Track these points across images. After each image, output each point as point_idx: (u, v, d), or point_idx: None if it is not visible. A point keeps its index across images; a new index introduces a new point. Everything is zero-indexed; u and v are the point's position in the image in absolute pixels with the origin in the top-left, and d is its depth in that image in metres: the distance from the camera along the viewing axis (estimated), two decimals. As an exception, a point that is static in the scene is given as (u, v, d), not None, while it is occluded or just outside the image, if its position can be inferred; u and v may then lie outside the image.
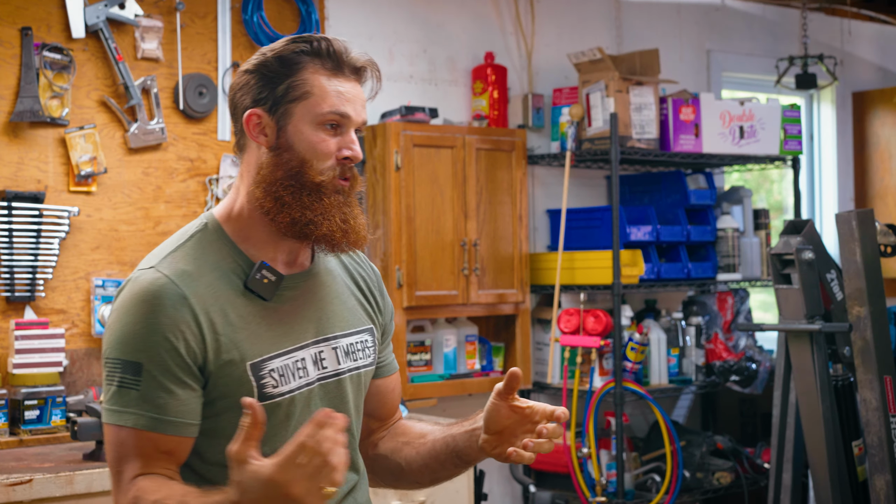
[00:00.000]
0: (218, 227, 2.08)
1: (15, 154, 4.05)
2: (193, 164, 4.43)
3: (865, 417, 4.11)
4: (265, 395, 2.00)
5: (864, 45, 6.88)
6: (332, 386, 2.12)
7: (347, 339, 2.16)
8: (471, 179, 4.84)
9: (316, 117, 2.02)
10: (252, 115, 2.04)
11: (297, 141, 2.02)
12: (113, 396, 1.96)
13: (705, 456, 5.25)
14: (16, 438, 3.84)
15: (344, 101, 2.03)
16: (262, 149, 2.05)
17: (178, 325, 1.95)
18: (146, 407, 1.94)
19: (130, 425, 1.94)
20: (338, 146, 2.04)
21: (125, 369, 1.95)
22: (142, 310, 1.95)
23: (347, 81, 2.05)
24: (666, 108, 5.18)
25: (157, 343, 1.94)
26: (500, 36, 5.33)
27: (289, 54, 2.03)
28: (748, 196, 5.68)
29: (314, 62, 2.03)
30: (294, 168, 2.02)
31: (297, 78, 2.02)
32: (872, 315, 4.09)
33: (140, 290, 1.97)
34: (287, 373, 2.04)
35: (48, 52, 4.09)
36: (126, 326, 1.96)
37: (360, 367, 2.18)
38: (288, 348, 2.05)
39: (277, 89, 2.03)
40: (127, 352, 1.95)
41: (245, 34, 4.53)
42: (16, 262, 4.01)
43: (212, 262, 2.03)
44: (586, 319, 4.99)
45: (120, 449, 1.96)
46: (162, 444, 1.95)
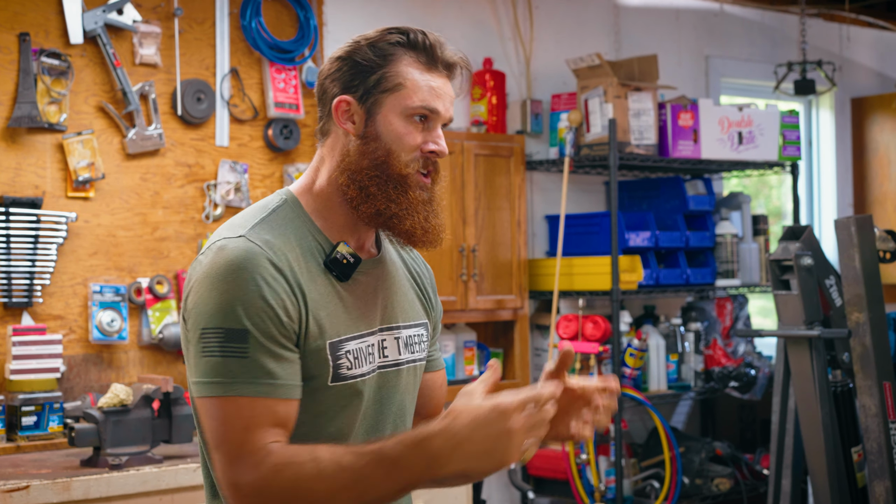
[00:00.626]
0: (298, 204, 2.06)
1: (13, 159, 4.05)
2: (191, 170, 4.42)
3: (865, 423, 4.10)
4: (339, 376, 1.98)
5: (863, 50, 6.88)
6: (392, 375, 2.10)
7: (408, 330, 2.15)
8: (469, 185, 4.84)
9: (406, 109, 2.02)
10: (342, 101, 2.03)
11: (385, 131, 2.02)
12: (215, 367, 1.88)
13: (704, 462, 5.25)
14: (13, 444, 3.83)
15: (435, 97, 2.04)
16: (348, 136, 2.04)
17: (278, 291, 1.91)
18: (258, 373, 1.87)
19: (244, 394, 1.86)
20: (424, 140, 2.04)
21: (229, 337, 1.87)
22: (240, 276, 1.89)
23: (440, 77, 2.06)
24: (664, 114, 5.18)
25: (260, 309, 1.88)
26: (498, 42, 5.33)
27: (383, 44, 2.04)
28: (747, 202, 5.68)
29: (408, 54, 2.04)
30: (380, 158, 2.02)
31: (391, 69, 2.02)
32: (871, 321, 4.08)
33: (235, 256, 1.91)
34: (361, 356, 2.02)
35: (46, 57, 4.08)
36: (224, 294, 1.89)
37: (416, 359, 2.17)
38: (362, 332, 2.04)
39: (370, 79, 2.02)
40: (230, 319, 1.87)
41: (243, 40, 4.53)
42: (13, 267, 4.00)
43: (294, 237, 2.01)
44: (585, 325, 4.99)
45: (232, 421, 1.86)
46: (279, 411, 1.89)
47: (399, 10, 5.03)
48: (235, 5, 4.53)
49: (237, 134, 4.52)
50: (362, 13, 4.92)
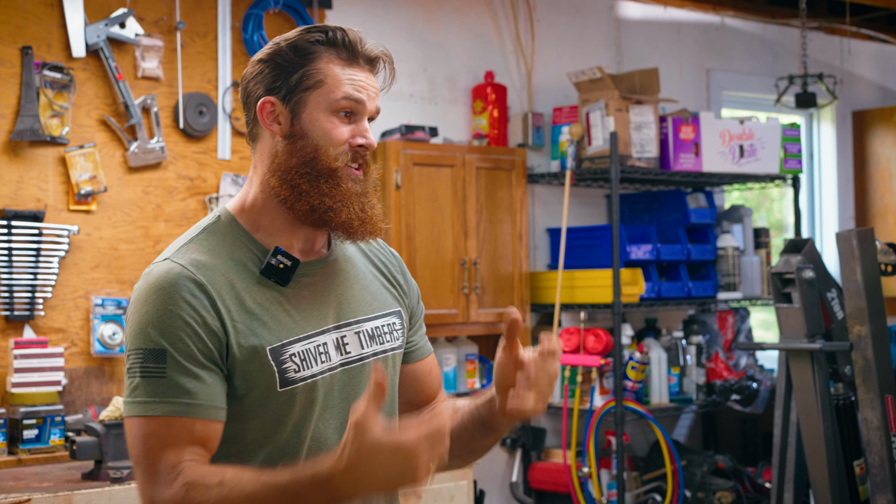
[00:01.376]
0: (231, 219, 2.08)
1: (15, 173, 4.05)
2: (193, 183, 4.43)
3: (867, 437, 4.10)
4: (287, 381, 1.99)
5: (864, 63, 6.89)
6: (357, 370, 2.10)
7: (371, 322, 2.15)
8: (471, 198, 4.84)
9: (330, 104, 2.03)
10: (266, 103, 2.05)
11: (311, 128, 2.03)
12: (137, 388, 1.91)
13: (706, 475, 5.24)
14: (14, 458, 3.82)
15: (358, 89, 2.04)
16: (276, 137, 2.06)
17: (198, 309, 1.93)
18: (175, 393, 1.90)
19: (160, 414, 1.89)
20: (351, 133, 2.04)
21: (148, 358, 1.92)
22: (160, 297, 1.93)
23: (361, 71, 2.06)
24: (666, 127, 5.18)
25: (178, 328, 1.92)
26: (500, 55, 5.34)
27: (303, 44, 2.04)
28: (748, 215, 5.68)
29: (329, 52, 2.05)
30: (309, 155, 2.03)
31: (312, 67, 2.03)
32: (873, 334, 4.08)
33: (156, 279, 1.96)
34: (308, 357, 2.03)
35: (48, 71, 4.09)
36: (145, 316, 1.93)
37: (386, 349, 2.16)
38: (308, 333, 2.04)
39: (291, 78, 2.03)
40: (149, 340, 1.92)
41: (245, 53, 4.54)
42: (15, 280, 4.00)
43: (226, 252, 2.03)
44: (587, 338, 4.99)
45: (150, 441, 1.90)
46: (197, 431, 1.91)
47: (400, 24, 5.04)
48: (237, 19, 4.54)
49: (239, 147, 4.53)
50: (363, 27, 4.90)
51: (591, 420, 4.92)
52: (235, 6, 4.54)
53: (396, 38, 5.03)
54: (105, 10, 4.23)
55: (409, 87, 5.06)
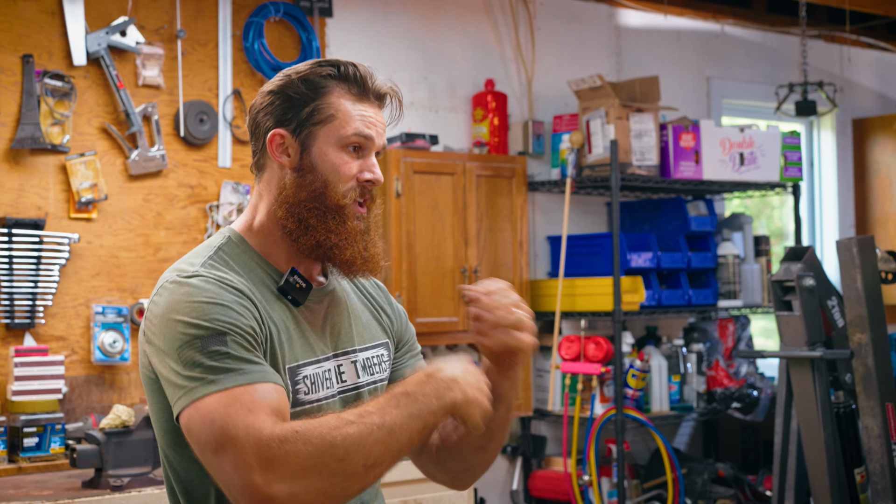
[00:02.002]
0: (241, 239, 2.09)
1: (16, 181, 4.06)
2: (194, 191, 4.43)
3: (867, 445, 4.09)
4: (297, 401, 1.99)
5: (864, 71, 6.90)
6: (351, 399, 2.10)
7: (364, 353, 2.17)
8: (471, 206, 4.85)
9: (340, 140, 2.04)
10: (276, 135, 2.05)
11: (320, 163, 2.04)
12: (202, 372, 1.82)
13: (707, 483, 5.23)
14: (14, 466, 3.82)
15: (368, 125, 2.06)
16: (284, 169, 2.06)
17: (246, 306, 1.93)
18: (245, 365, 1.84)
19: (239, 383, 1.81)
20: (360, 168, 2.06)
21: (209, 342, 1.84)
22: (206, 295, 1.89)
23: (371, 107, 2.08)
24: (666, 135, 5.18)
25: (235, 310, 1.89)
26: (500, 63, 5.34)
27: (315, 77, 2.05)
28: (749, 223, 5.68)
29: (340, 86, 2.06)
30: (318, 189, 2.04)
31: (323, 101, 2.04)
32: (874, 342, 4.08)
33: (196, 286, 1.91)
34: (318, 381, 2.04)
35: (49, 79, 4.09)
36: (194, 312, 1.87)
37: (376, 381, 2.18)
38: (318, 357, 2.06)
39: (302, 112, 2.04)
40: (203, 329, 1.85)
41: (246, 61, 4.54)
42: (16, 288, 4.00)
43: (243, 271, 2.03)
44: (587, 346, 4.98)
45: (233, 412, 1.78)
46: (276, 396, 1.85)
47: (401, 32, 5.05)
48: (238, 27, 4.54)
49: (240, 155, 4.53)
50: (364, 35, 4.93)
51: (591, 428, 4.91)
52: (236, 14, 4.54)
53: (397, 46, 5.03)
54: (106, 19, 4.23)
55: (409, 95, 5.06)
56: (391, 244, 4.61)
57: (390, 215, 4.62)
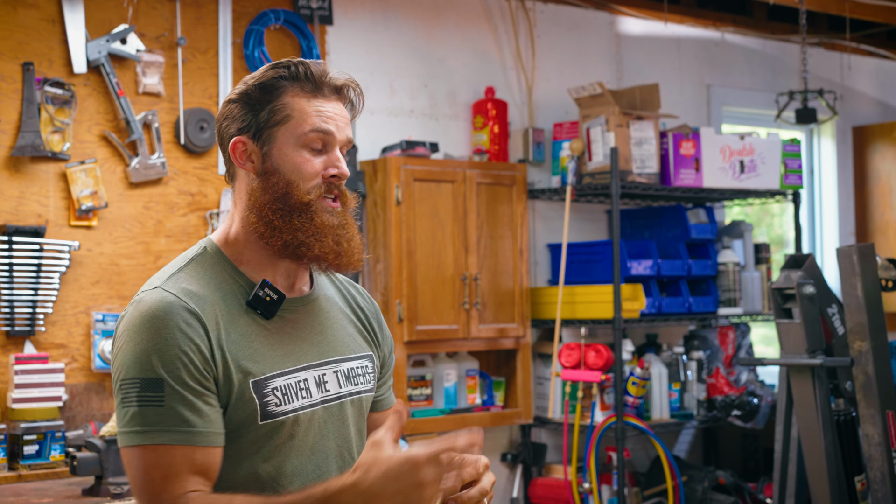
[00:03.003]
0: (217, 251, 2.10)
1: (16, 188, 4.06)
2: (194, 199, 4.43)
3: (868, 452, 4.09)
4: (268, 414, 1.99)
5: (864, 79, 6.90)
6: (335, 409, 2.11)
7: (348, 363, 2.16)
8: (471, 214, 4.85)
9: (298, 138, 2.04)
10: (237, 142, 2.07)
11: (281, 164, 2.04)
12: (134, 418, 1.90)
13: (707, 491, 5.23)
14: (14, 473, 3.82)
15: (325, 119, 2.05)
16: (250, 175, 2.07)
17: (193, 338, 1.94)
18: (174, 421, 1.90)
19: (161, 442, 1.88)
20: (323, 165, 2.06)
21: (145, 387, 1.90)
22: (154, 325, 1.93)
23: (328, 101, 2.07)
24: (666, 143, 5.19)
25: (175, 357, 1.92)
26: (500, 71, 5.35)
27: (269, 80, 2.05)
28: (749, 230, 5.68)
29: (293, 86, 2.05)
30: (281, 190, 2.04)
31: (278, 102, 2.04)
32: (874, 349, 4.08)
33: (149, 308, 1.95)
34: (290, 392, 2.03)
35: (50, 86, 4.10)
36: (140, 345, 1.93)
37: (360, 391, 2.17)
38: (289, 368, 2.04)
39: (260, 115, 2.05)
40: (145, 369, 1.91)
41: (246, 69, 4.55)
42: (16, 296, 4.00)
43: (213, 282, 2.04)
44: (587, 354, 4.98)
45: (151, 472, 1.88)
46: (198, 459, 1.91)
47: (401, 40, 5.05)
48: (238, 35, 4.55)
49: (240, 163, 4.53)
50: (364, 43, 4.94)
51: (591, 435, 4.91)
52: (236, 22, 4.55)
53: (397, 54, 5.04)
54: (106, 27, 4.24)
55: (409, 103, 5.06)
56: (391, 252, 4.61)
57: (390, 223, 4.62)
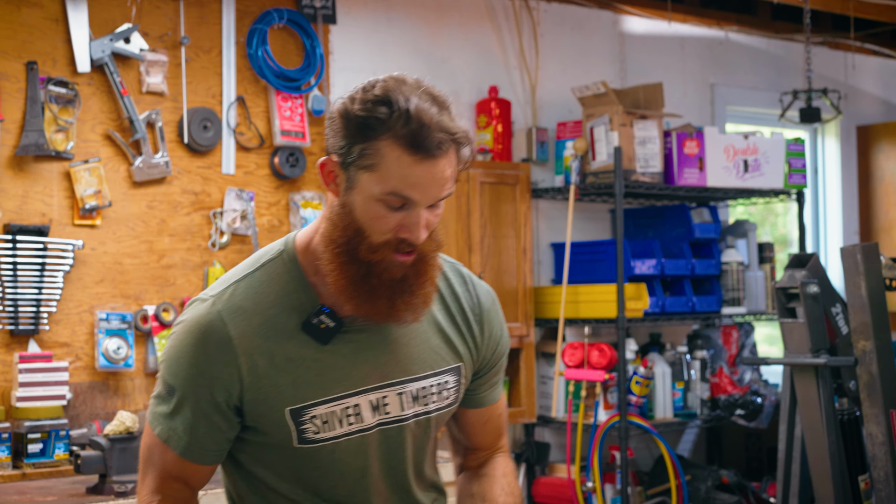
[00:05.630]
0: (293, 258, 2.02)
1: (20, 187, 4.06)
2: (198, 198, 4.43)
3: (871, 452, 4.09)
4: (305, 440, 1.99)
5: (868, 78, 6.90)
6: (393, 431, 2.05)
7: (419, 382, 2.06)
8: (475, 213, 4.85)
9: (377, 194, 1.89)
10: (327, 162, 1.96)
11: (358, 209, 1.92)
12: (154, 406, 2.05)
13: (711, 490, 5.23)
14: (19, 472, 3.82)
15: (410, 185, 1.88)
16: (334, 197, 1.97)
17: (216, 366, 1.96)
18: (173, 426, 2.01)
19: (156, 435, 2.03)
20: (398, 224, 1.91)
21: (164, 387, 2.03)
22: (187, 340, 1.99)
23: (422, 161, 1.88)
24: (670, 142, 5.18)
25: (192, 377, 1.98)
26: (504, 70, 5.34)
27: (369, 118, 1.88)
28: (753, 230, 5.67)
29: (392, 133, 1.87)
30: (350, 234, 1.93)
31: (370, 147, 1.88)
32: (878, 349, 4.07)
33: (192, 320, 2.00)
34: (333, 419, 1.99)
35: (53, 86, 4.10)
36: (172, 350, 2.01)
37: (430, 410, 2.08)
38: (338, 394, 1.99)
39: (352, 149, 1.90)
40: (168, 373, 2.02)
41: (250, 68, 4.55)
42: (20, 295, 4.01)
43: (274, 296, 1.99)
44: (591, 353, 4.98)
45: (148, 453, 2.05)
46: (186, 469, 2.03)
47: (404, 40, 5.05)
48: (242, 34, 4.55)
49: (243, 162, 4.54)
50: (368, 42, 4.94)
51: (595, 435, 4.91)
52: (240, 21, 4.55)
53: (400, 54, 5.04)
54: (110, 26, 4.24)
55: (413, 102, 5.05)
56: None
57: (394, 222, 4.62)
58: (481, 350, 2.16)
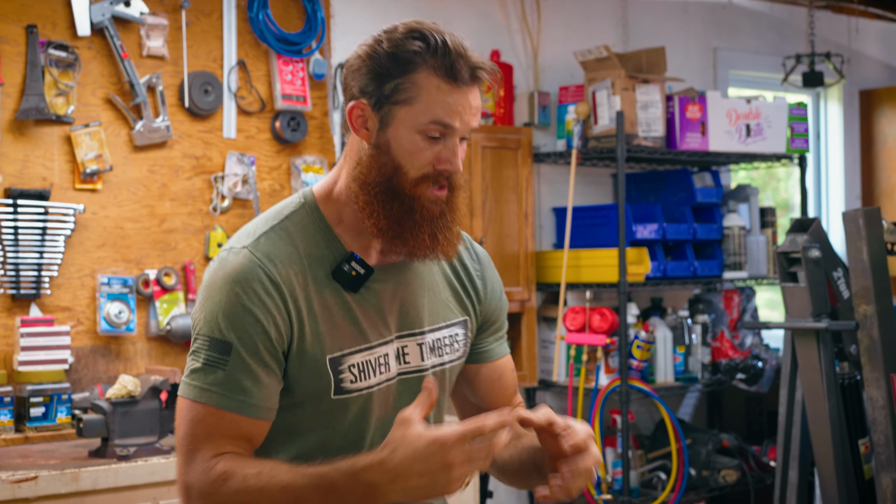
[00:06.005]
0: (315, 208, 2.04)
1: (20, 152, 4.06)
2: (199, 162, 4.43)
3: (872, 416, 4.10)
4: (342, 390, 1.98)
5: (872, 43, 6.87)
6: (413, 382, 2.07)
7: (435, 334, 2.11)
8: (476, 177, 4.84)
9: (417, 126, 1.94)
10: (356, 106, 1.98)
11: (395, 145, 1.96)
12: (197, 372, 1.93)
13: (711, 454, 5.25)
14: (21, 435, 3.84)
15: (450, 113, 1.94)
16: (362, 142, 1.99)
17: (270, 308, 1.92)
18: (231, 387, 1.91)
19: (214, 404, 1.91)
20: (436, 156, 1.96)
21: (213, 347, 1.92)
22: (234, 289, 1.92)
23: (459, 90, 1.96)
24: (672, 106, 5.17)
25: (248, 324, 1.91)
26: (505, 34, 5.32)
27: (402, 52, 1.95)
28: (755, 194, 5.67)
29: (427, 64, 1.95)
30: (388, 172, 1.96)
31: (406, 80, 1.94)
32: (879, 313, 4.08)
33: (232, 269, 1.94)
34: (367, 368, 2.01)
35: (53, 49, 4.09)
36: (217, 305, 1.93)
37: (444, 362, 2.13)
38: (371, 343, 2.01)
39: (385, 87, 1.95)
40: (217, 330, 1.92)
41: (250, 32, 4.53)
42: (21, 259, 4.01)
43: (303, 246, 2.00)
44: (592, 317, 4.99)
45: (197, 426, 1.92)
46: (244, 427, 1.93)
47: (406, 4, 5.03)
48: (243, -3, 4.53)
49: (244, 126, 4.53)
50: (369, 5, 4.91)
51: (596, 399, 4.92)
52: (241, -15, 4.53)
53: (401, 17, 4.97)
54: (110, -11, 4.22)
55: (414, 66, 5.04)
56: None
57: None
58: (484, 304, 2.22)
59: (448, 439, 1.75)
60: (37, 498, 3.29)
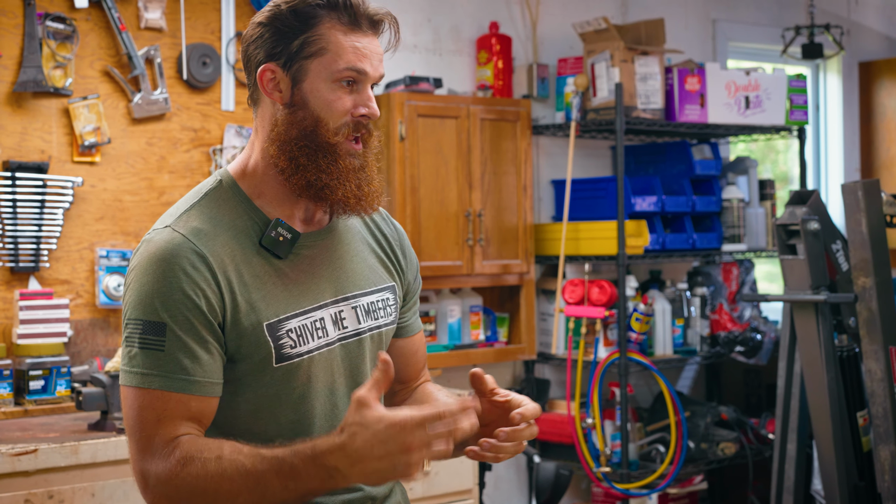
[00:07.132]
0: (233, 184, 2.06)
1: (18, 124, 4.05)
2: (197, 135, 4.42)
3: (870, 388, 4.11)
4: (283, 356, 1.98)
5: (871, 14, 6.85)
6: (353, 346, 2.09)
7: (368, 297, 2.13)
8: (475, 150, 4.83)
9: (332, 74, 1.98)
10: (266, 70, 2.01)
11: (312, 98, 1.99)
12: (135, 358, 1.91)
13: (710, 426, 5.26)
14: (21, 409, 3.84)
15: (361, 57, 1.99)
16: (276, 105, 2.02)
17: (198, 282, 1.92)
18: (172, 368, 1.90)
19: (157, 387, 1.89)
20: (354, 104, 2.00)
21: (148, 330, 1.90)
22: (160, 268, 1.91)
23: (364, 36, 2.00)
24: (671, 78, 5.16)
25: (179, 301, 1.90)
26: (504, 6, 5.30)
27: (304, 7, 1.98)
28: (754, 166, 5.66)
29: (330, 16, 1.98)
30: (309, 127, 1.99)
31: (313, 33, 1.98)
32: (878, 285, 4.08)
33: (157, 249, 1.94)
34: (305, 333, 2.01)
35: (51, 21, 4.07)
36: (146, 286, 1.92)
37: (380, 325, 2.15)
38: (305, 308, 2.02)
39: (292, 44, 1.98)
40: (149, 312, 1.91)
41: (248, 3, 4.51)
42: (20, 232, 4.00)
43: (227, 220, 2.01)
44: (591, 290, 4.99)
45: (145, 413, 1.90)
46: (192, 406, 1.91)
47: (405, -26, 5.01)
48: (240, -31, 4.51)
49: (243, 98, 4.51)
50: (368, -23, 4.89)
51: (595, 371, 4.93)
52: (238, -44, 4.51)
53: (400, -11, 4.99)
54: (107, -40, 4.21)
55: (413, 38, 5.03)
56: (395, 188, 4.60)
57: (394, 159, 4.61)
58: (405, 274, 2.26)
59: (408, 423, 1.75)
60: (36, 471, 3.30)
